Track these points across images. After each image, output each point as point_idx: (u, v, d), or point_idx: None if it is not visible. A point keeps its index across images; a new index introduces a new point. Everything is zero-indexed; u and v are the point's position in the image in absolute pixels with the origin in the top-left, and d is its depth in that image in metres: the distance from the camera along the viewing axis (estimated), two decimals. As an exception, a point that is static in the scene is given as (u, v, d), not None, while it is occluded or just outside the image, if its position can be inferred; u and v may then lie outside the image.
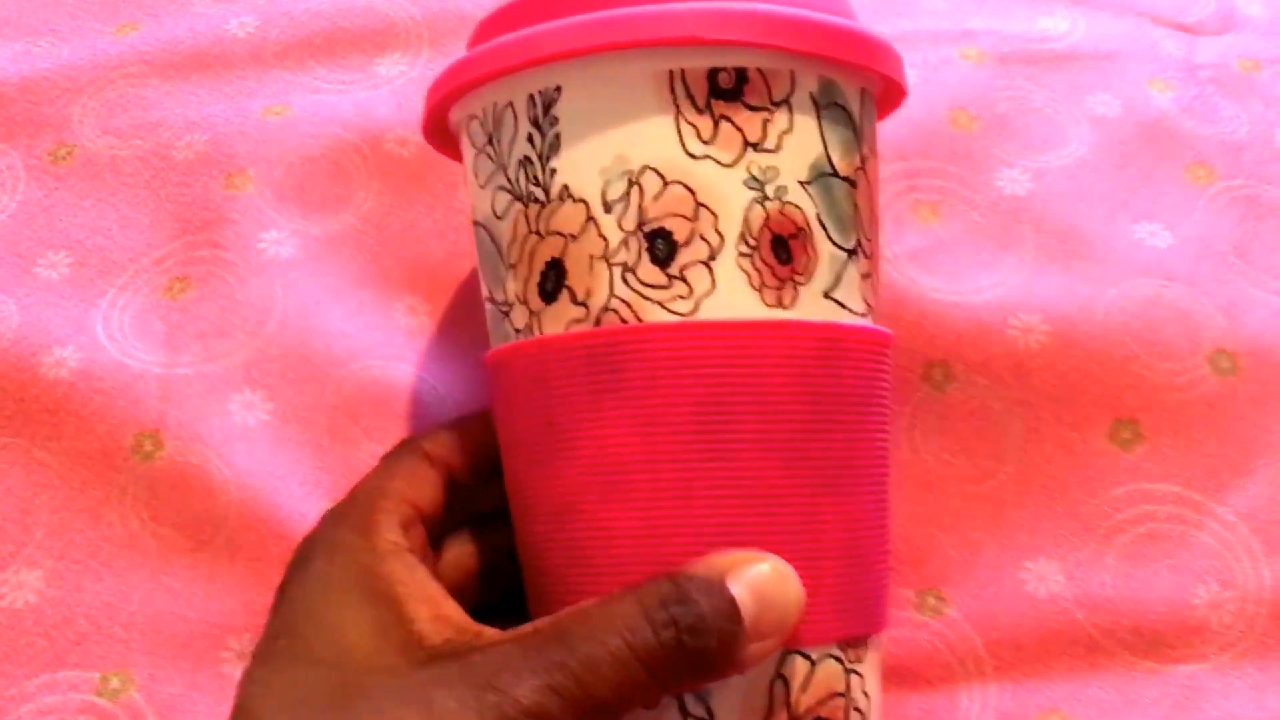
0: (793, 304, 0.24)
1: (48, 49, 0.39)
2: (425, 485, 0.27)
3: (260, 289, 0.34)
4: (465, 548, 0.28)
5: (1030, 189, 0.35)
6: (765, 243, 0.24)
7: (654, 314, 0.23)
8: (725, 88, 0.24)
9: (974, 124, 0.37)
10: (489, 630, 0.23)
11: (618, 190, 0.24)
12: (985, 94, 0.37)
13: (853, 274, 0.25)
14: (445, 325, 0.34)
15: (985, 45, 0.39)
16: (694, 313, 0.23)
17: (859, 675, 0.25)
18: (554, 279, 0.24)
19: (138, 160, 0.36)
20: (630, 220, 0.24)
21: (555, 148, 0.24)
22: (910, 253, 0.34)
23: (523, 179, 0.25)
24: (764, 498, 0.23)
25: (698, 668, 0.22)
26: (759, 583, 0.22)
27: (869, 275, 0.26)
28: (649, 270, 0.24)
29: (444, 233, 0.35)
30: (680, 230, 0.23)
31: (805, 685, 0.24)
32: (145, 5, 0.40)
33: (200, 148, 0.36)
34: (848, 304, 0.25)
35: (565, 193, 0.24)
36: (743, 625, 0.22)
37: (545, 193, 0.24)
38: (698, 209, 0.23)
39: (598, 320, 0.24)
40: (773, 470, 0.23)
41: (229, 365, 0.33)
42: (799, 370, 0.24)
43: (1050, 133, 0.37)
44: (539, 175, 0.24)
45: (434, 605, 0.24)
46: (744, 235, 0.24)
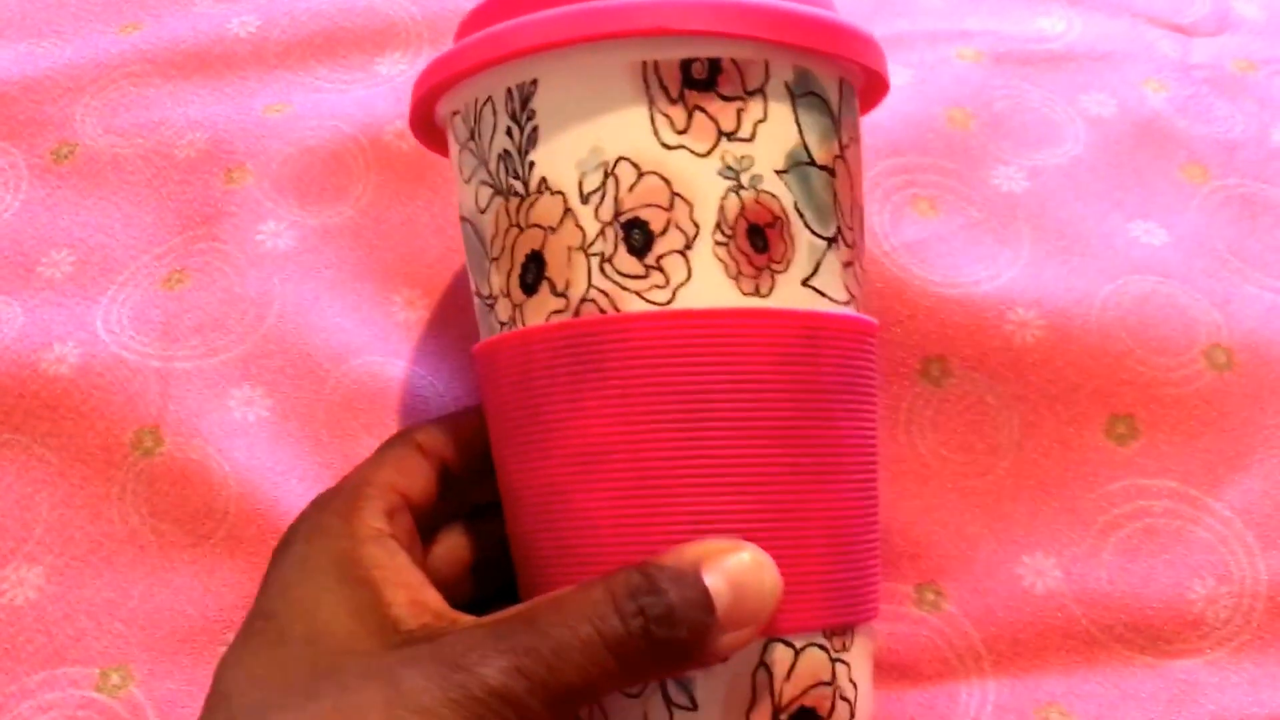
0: (770, 292, 0.24)
1: (51, 49, 0.39)
2: (415, 475, 0.27)
3: (258, 282, 0.34)
4: (458, 539, 0.28)
5: (1026, 186, 0.36)
6: (741, 232, 0.24)
7: (632, 304, 0.24)
8: (699, 78, 0.24)
9: (971, 122, 0.37)
10: (465, 617, 0.23)
11: (594, 182, 0.24)
12: (982, 93, 0.38)
13: (833, 262, 0.25)
14: (443, 320, 0.34)
15: (982, 45, 0.39)
16: (671, 302, 0.24)
17: (845, 664, 0.25)
18: (534, 271, 0.25)
19: (139, 159, 0.36)
20: (607, 211, 0.24)
21: (533, 141, 0.24)
22: (907, 245, 0.34)
23: (503, 172, 0.25)
24: (744, 486, 0.23)
25: (668, 657, 0.22)
26: (735, 572, 0.22)
27: (851, 264, 0.26)
28: (626, 260, 0.24)
29: (442, 227, 0.35)
30: (656, 220, 0.24)
31: (789, 674, 0.24)
32: (148, 5, 0.40)
33: (202, 146, 0.36)
34: (828, 292, 0.25)
35: (543, 185, 0.24)
36: (715, 615, 0.22)
37: (524, 185, 0.25)
38: (673, 199, 0.24)
39: (577, 311, 0.24)
40: (753, 458, 0.23)
41: (228, 360, 0.33)
42: (777, 358, 0.24)
43: (1046, 131, 0.37)
44: (518, 168, 0.25)
45: (412, 591, 0.24)
46: (719, 224, 0.24)
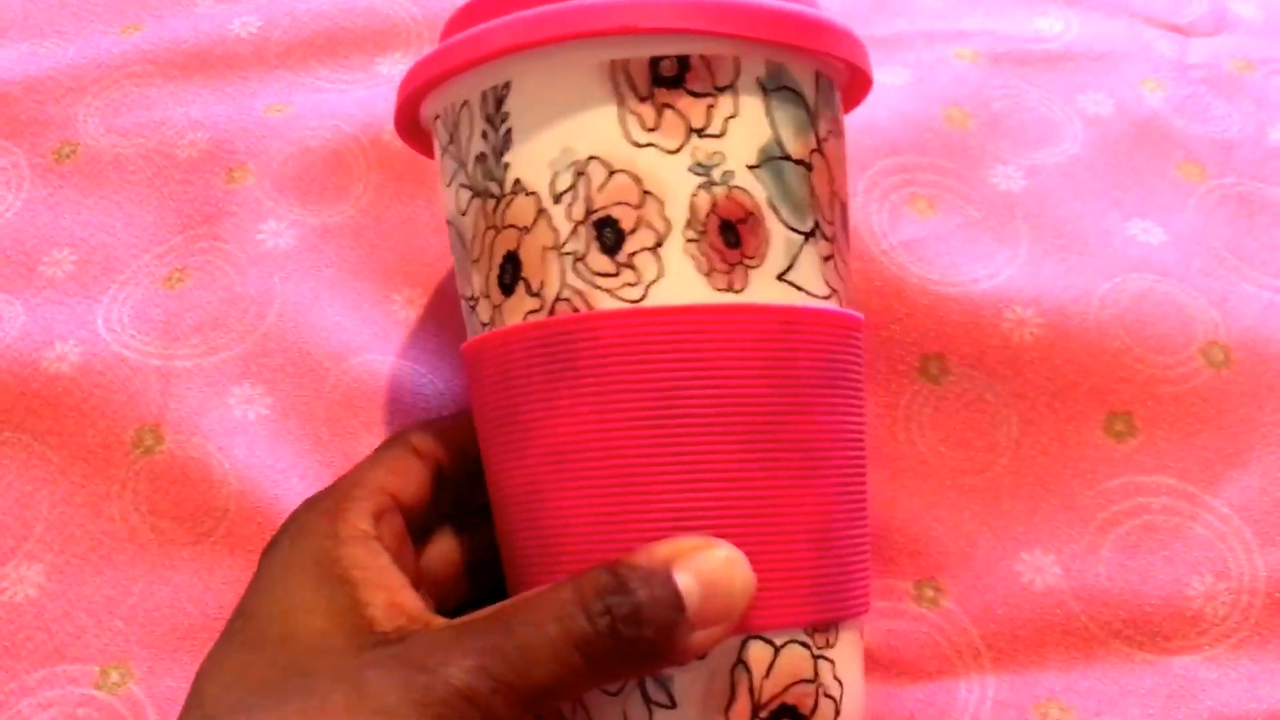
0: (744, 288, 0.24)
1: (53, 49, 0.39)
2: (408, 477, 0.27)
3: (259, 281, 0.34)
4: (450, 541, 0.28)
5: (1024, 185, 0.36)
6: (713, 228, 0.24)
7: (604, 302, 0.24)
8: (668, 75, 0.24)
9: (969, 121, 0.37)
10: (440, 619, 0.23)
11: (566, 181, 0.24)
12: (980, 93, 0.38)
13: (811, 257, 0.25)
14: (442, 319, 0.34)
15: (980, 45, 0.39)
16: (643, 299, 0.24)
17: (829, 661, 0.24)
18: (511, 271, 0.25)
19: (141, 158, 0.36)
20: (579, 210, 0.24)
21: (508, 142, 0.25)
22: (906, 244, 0.34)
23: (480, 175, 0.25)
24: (719, 482, 0.23)
25: (637, 656, 0.22)
26: (706, 570, 0.22)
27: (831, 258, 0.25)
28: (598, 259, 0.24)
29: (442, 227, 0.35)
30: (627, 218, 0.24)
31: (769, 672, 0.24)
32: (149, 5, 0.40)
33: (203, 146, 0.36)
34: (806, 287, 0.25)
35: (518, 186, 0.24)
36: (684, 614, 0.22)
37: (500, 187, 0.25)
38: (643, 196, 0.24)
39: (552, 310, 0.24)
40: (728, 454, 0.23)
41: (228, 358, 0.33)
42: (750, 353, 0.23)
43: (1044, 131, 0.37)
44: (494, 170, 0.25)
45: (391, 593, 0.24)
46: (691, 221, 0.24)
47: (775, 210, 0.24)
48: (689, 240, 0.24)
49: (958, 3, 0.41)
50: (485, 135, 0.25)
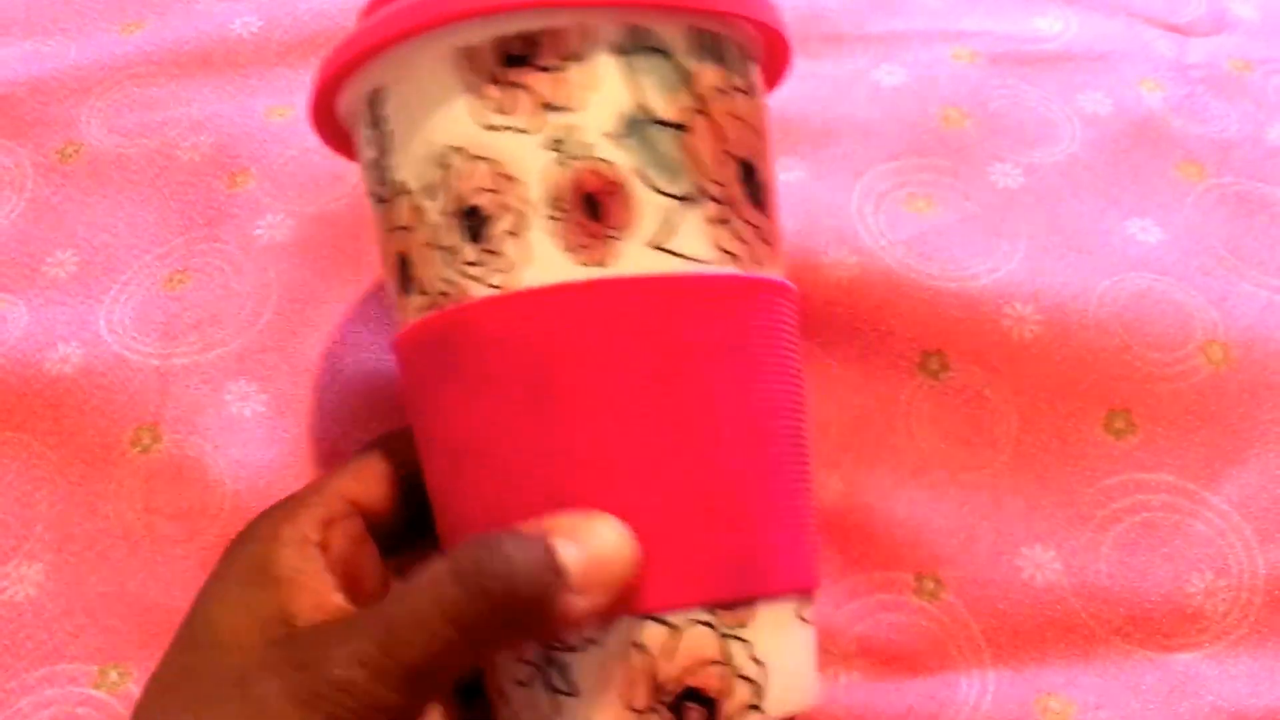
0: (612, 261, 0.23)
1: (56, 49, 0.39)
2: (372, 483, 0.26)
3: (255, 276, 0.34)
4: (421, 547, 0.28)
5: (1023, 184, 0.36)
6: (575, 203, 0.23)
7: (476, 290, 0.23)
8: (515, 55, 0.23)
9: (966, 121, 0.37)
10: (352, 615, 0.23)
11: (435, 176, 0.24)
12: (978, 93, 0.38)
13: (694, 221, 0.24)
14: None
15: (978, 46, 0.39)
16: (510, 285, 0.23)
17: (743, 641, 0.23)
18: (404, 272, 0.25)
19: (143, 159, 0.36)
20: (449, 203, 0.24)
21: (390, 145, 0.25)
22: (904, 240, 0.34)
23: (373, 180, 0.25)
24: (599, 462, 0.22)
25: (512, 622, 0.21)
26: (586, 538, 0.22)
27: (727, 220, 0.24)
28: (467, 249, 0.23)
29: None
30: (489, 205, 0.23)
31: (669, 653, 0.23)
32: (151, 3, 0.41)
33: (206, 150, 0.37)
34: (688, 253, 0.23)
35: (400, 187, 0.24)
36: (559, 577, 0.21)
37: (388, 190, 0.25)
38: (502, 181, 0.23)
39: (435, 305, 0.24)
40: (606, 432, 0.22)
41: (224, 355, 0.33)
42: (620, 326, 0.23)
43: (1042, 129, 0.37)
44: (383, 174, 0.25)
45: (318, 595, 0.23)
46: (552, 199, 0.23)
47: (643, 177, 0.23)
48: (551, 219, 0.23)
49: (956, 2, 0.41)
50: (371, 141, 0.25)
